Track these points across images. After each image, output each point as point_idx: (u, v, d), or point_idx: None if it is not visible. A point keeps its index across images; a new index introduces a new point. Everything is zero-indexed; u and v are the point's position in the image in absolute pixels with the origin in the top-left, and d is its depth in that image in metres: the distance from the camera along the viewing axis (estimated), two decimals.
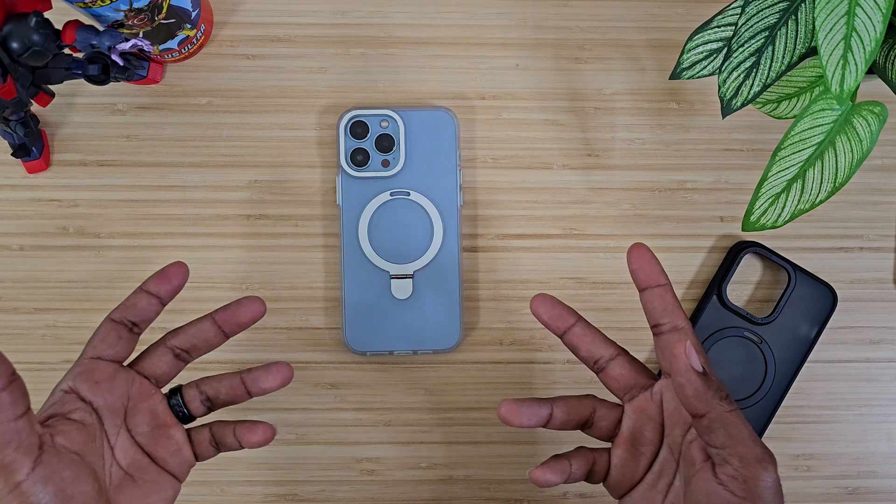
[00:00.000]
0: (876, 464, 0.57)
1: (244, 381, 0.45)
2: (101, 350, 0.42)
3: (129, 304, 0.43)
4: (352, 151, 0.54)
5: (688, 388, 0.39)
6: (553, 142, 0.56)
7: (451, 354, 0.56)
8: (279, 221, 0.56)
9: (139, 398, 0.43)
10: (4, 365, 0.36)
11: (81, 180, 0.55)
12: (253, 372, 0.45)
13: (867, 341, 0.57)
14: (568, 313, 0.45)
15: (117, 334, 0.43)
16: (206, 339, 0.44)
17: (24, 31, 0.42)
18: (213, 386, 0.45)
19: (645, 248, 0.43)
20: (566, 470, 0.43)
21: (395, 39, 0.56)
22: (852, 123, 0.41)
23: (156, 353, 0.44)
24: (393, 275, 0.54)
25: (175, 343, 0.44)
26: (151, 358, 0.44)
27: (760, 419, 0.55)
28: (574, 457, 0.44)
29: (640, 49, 0.56)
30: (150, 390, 0.44)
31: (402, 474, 0.56)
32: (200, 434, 0.45)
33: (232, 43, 0.56)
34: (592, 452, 0.45)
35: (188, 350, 0.44)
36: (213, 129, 0.56)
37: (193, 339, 0.44)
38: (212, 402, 0.45)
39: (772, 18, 0.43)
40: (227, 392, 0.45)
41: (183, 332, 0.44)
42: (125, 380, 0.43)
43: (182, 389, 0.45)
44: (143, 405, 0.43)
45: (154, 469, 0.43)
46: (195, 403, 0.45)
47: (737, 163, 0.56)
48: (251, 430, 0.44)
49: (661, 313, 0.43)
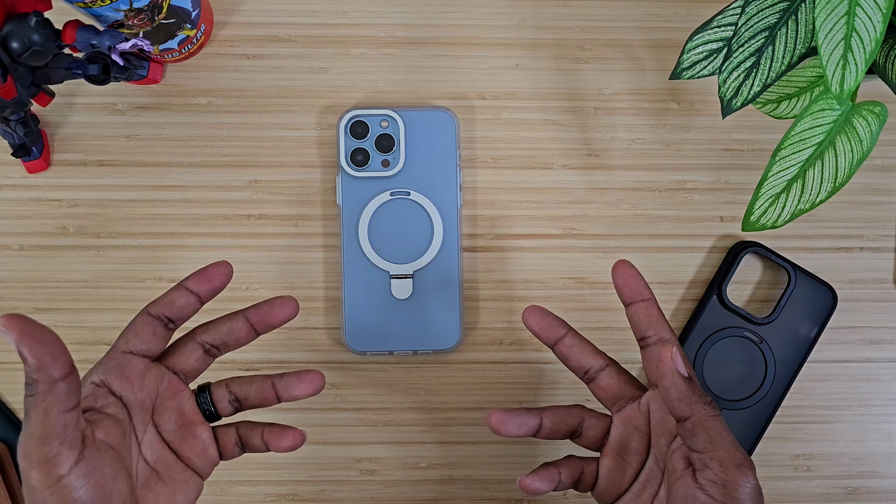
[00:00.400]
0: (876, 464, 0.57)
1: (275, 385, 0.44)
2: (135, 345, 0.42)
3: (167, 301, 0.42)
4: (352, 151, 0.54)
5: (673, 392, 0.40)
6: (553, 142, 0.56)
7: (451, 354, 0.56)
8: (279, 221, 0.56)
9: (168, 395, 0.43)
10: (65, 356, 0.35)
11: (81, 180, 0.55)
12: (285, 377, 0.44)
13: (867, 341, 0.57)
14: (558, 324, 0.46)
15: (152, 330, 0.42)
16: (237, 337, 0.44)
17: (24, 30, 0.42)
18: (242, 387, 0.44)
19: (628, 264, 0.45)
20: (555, 478, 0.44)
21: (395, 39, 0.56)
22: (852, 123, 0.41)
23: (185, 348, 0.43)
24: (393, 275, 0.54)
25: (205, 339, 0.44)
26: (181, 353, 0.43)
27: (760, 419, 0.55)
28: (563, 465, 0.45)
29: (640, 49, 0.56)
30: (179, 387, 0.43)
31: (402, 474, 0.56)
32: (226, 434, 0.44)
33: (232, 43, 0.56)
34: (581, 461, 0.45)
35: (218, 346, 0.44)
36: (213, 129, 0.56)
37: (225, 336, 0.44)
38: (240, 403, 0.44)
39: (772, 18, 0.43)
40: (256, 395, 0.44)
41: (213, 328, 0.44)
42: (156, 376, 0.42)
43: (211, 388, 0.44)
44: (171, 402, 0.43)
45: (180, 467, 0.42)
46: (223, 403, 0.44)
47: (737, 163, 0.56)
48: (281, 434, 0.44)
49: (647, 326, 0.44)
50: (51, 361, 0.35)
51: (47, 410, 0.35)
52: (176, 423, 0.43)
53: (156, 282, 0.55)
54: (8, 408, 0.55)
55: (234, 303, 0.55)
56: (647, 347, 0.44)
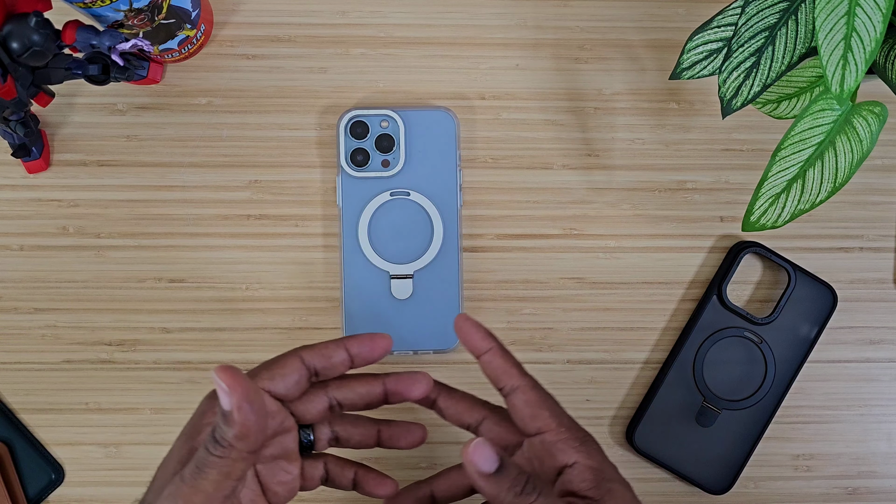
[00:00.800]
0: (876, 464, 0.57)
1: (381, 434, 0.43)
2: (278, 386, 0.40)
3: (324, 353, 0.41)
4: (352, 151, 0.54)
5: (487, 493, 0.37)
6: (553, 142, 0.56)
7: (451, 354, 0.56)
8: (279, 221, 0.56)
9: (279, 432, 0.41)
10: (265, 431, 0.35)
11: (81, 180, 0.55)
12: (392, 427, 0.43)
13: (867, 341, 0.57)
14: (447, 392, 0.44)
15: (298, 378, 0.40)
16: (367, 403, 0.42)
17: (24, 31, 0.42)
18: (346, 429, 0.43)
19: (464, 317, 0.42)
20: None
21: (395, 39, 0.56)
22: (852, 123, 0.41)
23: (314, 399, 0.41)
24: (393, 275, 0.54)
25: (337, 395, 0.42)
26: (308, 401, 0.41)
27: (760, 419, 0.55)
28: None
29: (640, 49, 0.56)
30: (291, 426, 0.41)
31: (402, 474, 0.56)
32: (314, 467, 0.43)
33: (232, 43, 0.56)
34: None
35: (345, 406, 0.42)
36: (213, 129, 0.56)
37: (356, 399, 0.42)
38: (339, 443, 0.43)
39: (772, 18, 0.43)
40: (358, 440, 0.43)
41: (349, 388, 0.42)
42: (281, 418, 0.40)
43: (315, 425, 0.43)
44: (279, 438, 0.41)
45: (262, 500, 0.40)
46: (322, 442, 0.43)
47: (737, 163, 0.56)
48: (377, 481, 0.43)
49: (498, 377, 0.42)
50: (255, 433, 0.34)
51: (228, 475, 0.35)
52: (273, 457, 0.41)
53: (156, 282, 0.55)
54: (8, 408, 0.55)
55: (232, 302, 0.55)
56: (507, 398, 0.42)
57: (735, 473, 0.55)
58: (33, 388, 0.55)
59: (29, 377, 0.55)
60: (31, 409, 0.55)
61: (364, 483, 0.43)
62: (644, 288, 0.56)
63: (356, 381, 0.42)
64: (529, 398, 0.41)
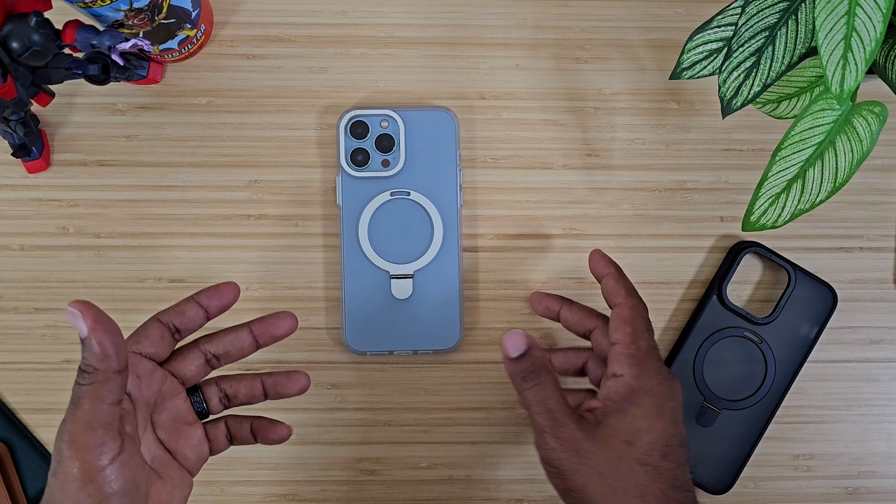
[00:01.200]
0: (876, 464, 0.57)
1: (264, 383, 0.46)
2: (145, 347, 0.43)
3: (178, 310, 0.44)
4: (352, 151, 0.54)
5: (507, 371, 0.46)
6: (553, 142, 0.56)
7: (451, 354, 0.56)
8: (279, 221, 0.56)
9: (167, 395, 0.44)
10: (125, 350, 0.37)
11: (81, 180, 0.55)
12: (274, 376, 0.46)
13: (867, 341, 0.57)
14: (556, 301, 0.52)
15: (160, 335, 0.43)
16: (239, 348, 0.46)
17: (24, 30, 0.42)
18: (232, 385, 0.46)
19: (597, 251, 0.50)
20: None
21: (395, 39, 0.56)
22: (852, 123, 0.41)
23: (189, 356, 0.45)
24: (393, 275, 0.54)
25: (209, 348, 0.45)
26: (184, 359, 0.45)
27: (760, 419, 0.55)
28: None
29: (640, 49, 0.56)
30: (178, 389, 0.44)
31: (402, 474, 0.56)
32: (216, 428, 0.46)
33: (232, 43, 0.56)
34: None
35: (220, 356, 0.45)
36: (213, 129, 0.56)
37: (228, 347, 0.45)
38: (229, 401, 0.46)
39: (772, 18, 0.43)
40: (245, 393, 0.46)
41: (218, 339, 0.45)
42: (160, 377, 0.43)
43: (202, 387, 0.46)
44: (168, 402, 0.44)
45: (175, 465, 0.43)
46: (214, 401, 0.46)
47: (737, 163, 0.56)
48: (270, 427, 0.46)
49: (609, 296, 0.48)
50: (114, 353, 0.36)
51: (101, 399, 0.37)
52: (171, 422, 0.44)
53: (156, 282, 0.55)
54: (8, 408, 0.55)
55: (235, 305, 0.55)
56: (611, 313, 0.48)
57: (735, 473, 0.55)
58: (33, 388, 0.55)
59: (29, 377, 0.55)
60: (31, 409, 0.55)
61: (258, 431, 0.46)
62: (644, 288, 0.56)
63: (224, 331, 0.46)
64: (622, 314, 0.46)
